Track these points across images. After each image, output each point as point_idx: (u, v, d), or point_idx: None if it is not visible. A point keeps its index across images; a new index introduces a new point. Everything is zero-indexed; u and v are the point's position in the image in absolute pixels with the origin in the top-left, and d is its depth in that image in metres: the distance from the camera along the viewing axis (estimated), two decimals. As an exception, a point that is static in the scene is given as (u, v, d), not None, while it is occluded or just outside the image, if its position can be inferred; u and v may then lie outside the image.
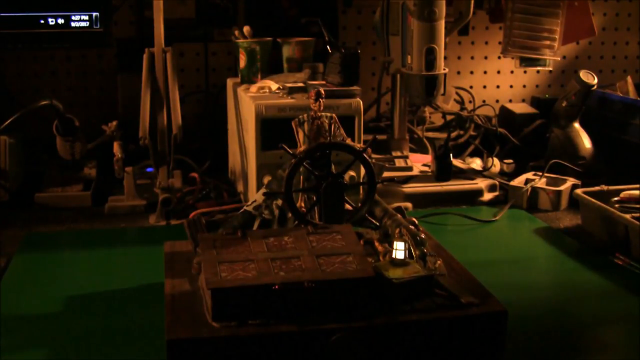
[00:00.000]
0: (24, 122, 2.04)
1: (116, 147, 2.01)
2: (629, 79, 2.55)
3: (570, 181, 2.15)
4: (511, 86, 2.84)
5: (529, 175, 2.20)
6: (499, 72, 2.81)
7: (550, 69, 2.48)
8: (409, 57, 2.09)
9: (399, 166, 2.24)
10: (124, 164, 2.02)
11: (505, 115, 2.64)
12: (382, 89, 2.54)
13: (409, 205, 2.07)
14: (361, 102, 1.91)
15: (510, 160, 2.39)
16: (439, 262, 1.38)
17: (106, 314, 1.44)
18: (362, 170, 1.48)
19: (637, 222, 1.72)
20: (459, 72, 2.78)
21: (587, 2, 2.45)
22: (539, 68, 2.51)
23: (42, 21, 2.16)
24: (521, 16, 2.35)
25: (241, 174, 2.08)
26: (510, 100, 2.83)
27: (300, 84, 1.97)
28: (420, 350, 1.23)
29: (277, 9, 2.51)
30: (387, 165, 2.18)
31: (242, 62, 2.10)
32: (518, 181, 2.17)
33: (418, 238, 1.39)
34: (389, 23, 2.21)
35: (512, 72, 2.81)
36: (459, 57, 2.77)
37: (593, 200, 1.89)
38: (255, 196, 1.53)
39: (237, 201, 2.06)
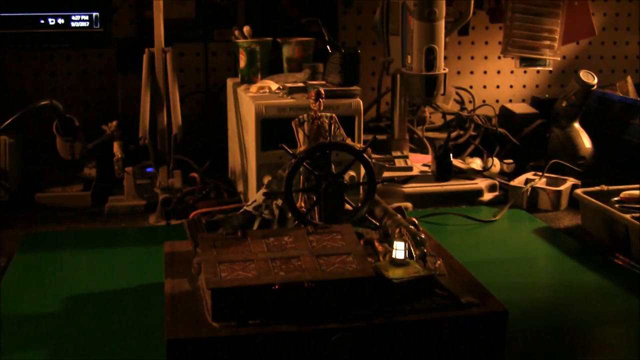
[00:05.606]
0: (24, 122, 2.04)
1: (116, 147, 2.01)
2: (629, 79, 2.55)
3: (570, 181, 2.14)
4: (511, 86, 2.84)
5: (529, 175, 2.20)
6: (499, 72, 2.81)
7: (550, 69, 2.48)
8: (409, 57, 2.09)
9: (399, 166, 2.23)
10: (124, 164, 2.02)
11: (505, 115, 2.63)
12: (382, 89, 2.54)
13: (409, 205, 2.07)
14: (361, 102, 1.91)
15: (510, 160, 2.38)
16: (439, 262, 1.38)
17: (106, 314, 1.44)
18: (362, 170, 1.48)
19: (637, 222, 1.72)
20: (459, 72, 2.78)
21: (587, 2, 2.45)
22: (539, 68, 2.51)
23: (42, 21, 2.16)
24: (521, 16, 2.35)
25: (241, 174, 2.08)
26: (510, 100, 2.83)
27: (300, 84, 1.97)
28: (420, 350, 1.23)
29: (277, 9, 2.51)
30: (387, 165, 2.18)
31: (242, 62, 2.10)
32: (518, 181, 2.17)
33: (418, 238, 1.39)
34: (389, 23, 2.21)
35: (512, 72, 2.81)
36: (459, 57, 2.76)
37: (593, 200, 1.88)
38: (255, 196, 1.53)
39: (237, 201, 2.06)
